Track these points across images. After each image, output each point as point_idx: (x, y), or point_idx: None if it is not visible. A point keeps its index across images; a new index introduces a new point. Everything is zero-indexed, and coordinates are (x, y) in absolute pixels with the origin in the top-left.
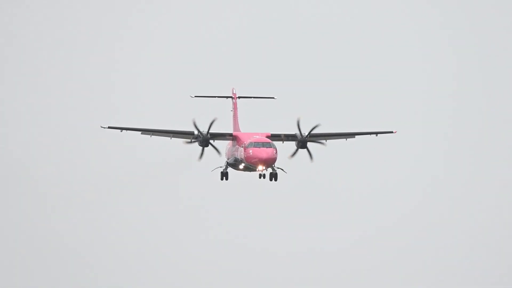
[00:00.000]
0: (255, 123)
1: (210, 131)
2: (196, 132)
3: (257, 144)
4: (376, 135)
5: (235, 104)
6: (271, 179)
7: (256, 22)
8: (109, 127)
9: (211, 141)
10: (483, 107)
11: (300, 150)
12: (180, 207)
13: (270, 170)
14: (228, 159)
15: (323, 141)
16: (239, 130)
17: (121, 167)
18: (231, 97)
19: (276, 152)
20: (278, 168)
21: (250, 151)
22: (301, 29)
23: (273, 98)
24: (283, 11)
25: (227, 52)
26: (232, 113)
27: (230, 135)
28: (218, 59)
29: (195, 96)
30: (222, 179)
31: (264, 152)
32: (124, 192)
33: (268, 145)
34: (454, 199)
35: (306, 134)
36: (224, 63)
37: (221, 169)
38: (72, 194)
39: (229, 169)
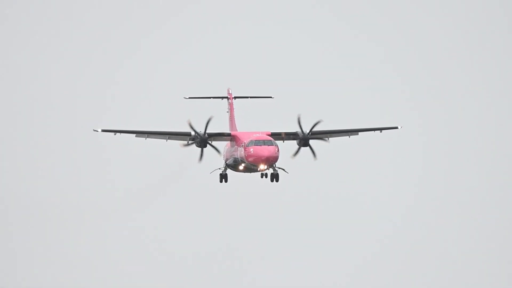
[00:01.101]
0: (252, 124)
1: (208, 132)
2: (193, 133)
3: (258, 142)
4: (381, 131)
5: (231, 105)
6: (272, 180)
7: (251, 21)
8: (102, 130)
9: (209, 141)
10: (490, 102)
11: (302, 148)
12: (177, 211)
13: (271, 170)
14: (226, 160)
15: (326, 138)
16: (236, 131)
17: (115, 171)
18: (226, 97)
19: (278, 150)
20: (279, 168)
21: (251, 149)
22: (298, 27)
23: (271, 97)
24: (278, 10)
25: (222, 52)
26: (228, 114)
27: (229, 134)
28: (213, 59)
29: (189, 98)
30: (221, 181)
31: (266, 150)
32: (118, 196)
33: (270, 143)
34: (463, 195)
35: (308, 131)
36: (218, 63)
37: (220, 171)
38: (64, 197)
39: (229, 171)
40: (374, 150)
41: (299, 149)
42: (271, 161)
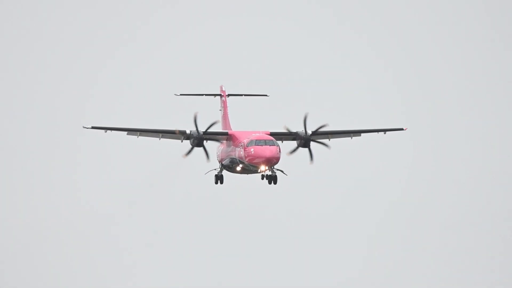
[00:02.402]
0: (247, 123)
1: (204, 130)
2: (188, 131)
3: (259, 142)
4: (385, 133)
5: (224, 103)
6: (270, 182)
7: (245, 16)
8: (92, 127)
9: (205, 140)
10: (497, 104)
11: (301, 148)
12: (171, 213)
13: (268, 172)
14: (222, 160)
15: (327, 141)
16: (230, 130)
17: (105, 171)
18: (219, 95)
19: (280, 150)
20: (277, 170)
21: (252, 149)
22: (295, 22)
23: (266, 95)
24: (274, 4)
25: (215, 48)
26: (221, 112)
27: (226, 134)
28: (205, 55)
29: (180, 95)
30: (216, 182)
31: (268, 150)
32: (109, 197)
33: (271, 143)
34: (469, 198)
35: (310, 133)
36: (211, 59)
37: (216, 172)
38: (52, 197)
39: (225, 172)
40: (377, 152)
41: (297, 148)
42: (272, 162)
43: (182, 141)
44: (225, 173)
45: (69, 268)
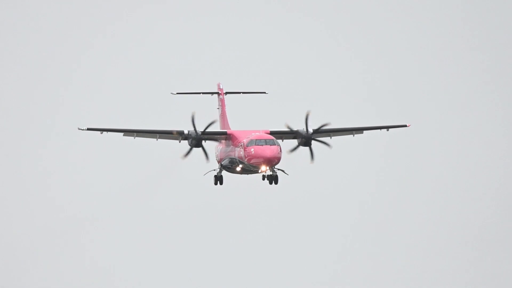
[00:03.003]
0: (245, 121)
1: (202, 130)
2: (186, 132)
3: (259, 142)
4: (388, 130)
5: (222, 101)
6: (270, 183)
7: (242, 11)
8: (88, 129)
9: (204, 141)
10: (501, 101)
11: (302, 147)
12: (170, 215)
13: (269, 171)
14: (221, 161)
15: (328, 139)
16: (229, 129)
17: (101, 172)
18: (217, 93)
19: (281, 150)
20: (278, 169)
21: (252, 149)
22: (294, 18)
23: (265, 93)
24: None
25: (212, 45)
26: (219, 111)
27: (225, 133)
28: (202, 52)
29: (177, 93)
30: (216, 183)
31: (269, 150)
32: (106, 199)
33: (272, 142)
34: (472, 198)
35: (312, 131)
36: (208, 56)
37: (215, 173)
38: (49, 199)
39: (224, 172)
40: (380, 150)
41: (297, 147)
42: (273, 162)
43: (180, 142)
44: (224, 173)
45: (67, 268)
